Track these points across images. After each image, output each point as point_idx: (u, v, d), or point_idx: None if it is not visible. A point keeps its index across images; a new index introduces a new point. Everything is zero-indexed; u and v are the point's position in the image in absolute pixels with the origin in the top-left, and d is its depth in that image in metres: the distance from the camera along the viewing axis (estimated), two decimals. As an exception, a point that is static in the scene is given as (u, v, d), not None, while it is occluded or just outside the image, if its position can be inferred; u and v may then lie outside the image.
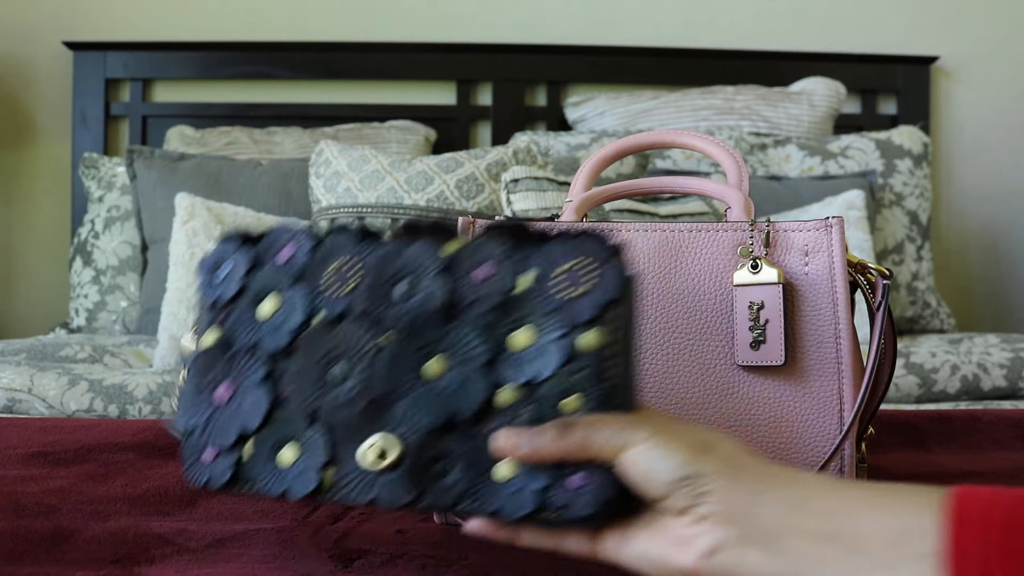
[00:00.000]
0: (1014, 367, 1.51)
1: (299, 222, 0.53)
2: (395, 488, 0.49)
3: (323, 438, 0.50)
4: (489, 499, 0.47)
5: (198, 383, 0.53)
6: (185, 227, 1.76)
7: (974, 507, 0.39)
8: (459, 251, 0.50)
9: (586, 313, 0.47)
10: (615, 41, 2.42)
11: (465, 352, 0.49)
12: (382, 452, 0.49)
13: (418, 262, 0.50)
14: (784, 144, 2.13)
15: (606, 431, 0.45)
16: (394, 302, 0.50)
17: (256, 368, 0.52)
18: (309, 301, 0.51)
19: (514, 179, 1.67)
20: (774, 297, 0.62)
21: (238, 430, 0.51)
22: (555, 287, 0.48)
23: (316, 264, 0.52)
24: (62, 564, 0.55)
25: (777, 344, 0.62)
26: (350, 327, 0.50)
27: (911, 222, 2.09)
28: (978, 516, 0.38)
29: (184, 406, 0.53)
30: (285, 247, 0.53)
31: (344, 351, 0.50)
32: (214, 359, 0.53)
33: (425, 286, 0.50)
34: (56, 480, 0.71)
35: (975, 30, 2.47)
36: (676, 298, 0.65)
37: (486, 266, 0.49)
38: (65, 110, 2.40)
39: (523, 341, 0.48)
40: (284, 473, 0.50)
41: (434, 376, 0.49)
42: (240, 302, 0.53)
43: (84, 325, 2.03)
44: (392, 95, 2.41)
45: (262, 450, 0.51)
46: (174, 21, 2.40)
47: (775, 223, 0.65)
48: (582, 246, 0.47)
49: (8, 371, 1.37)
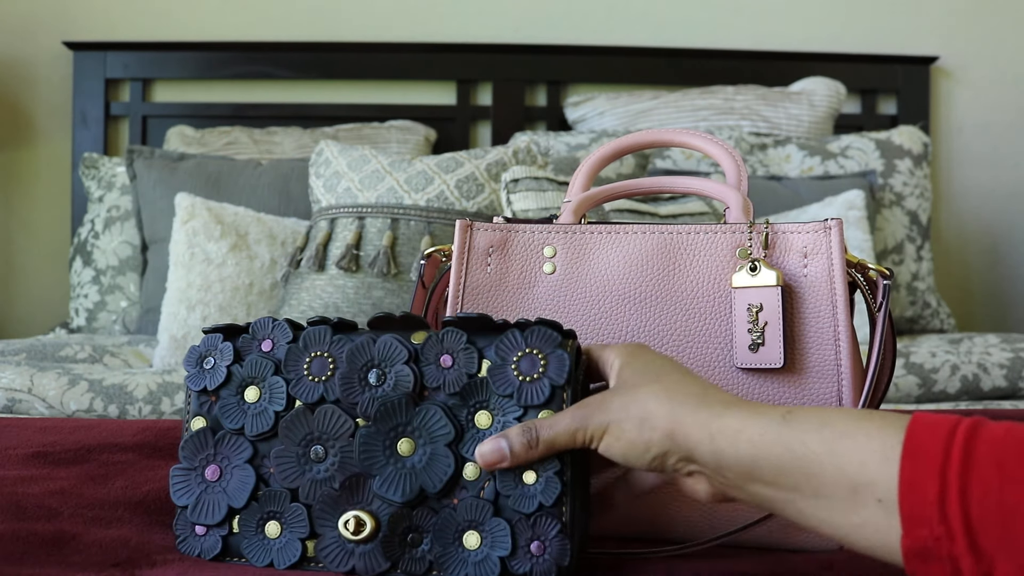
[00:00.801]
0: (1014, 367, 1.51)
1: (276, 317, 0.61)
2: (372, 558, 0.55)
3: (304, 513, 0.56)
4: (458, 566, 0.53)
5: (189, 464, 0.59)
6: (185, 227, 1.76)
7: (930, 443, 0.41)
8: (426, 341, 0.56)
9: (539, 397, 0.53)
10: (615, 41, 2.42)
11: (433, 432, 0.55)
12: (359, 525, 0.55)
13: (388, 352, 0.56)
14: (784, 144, 2.13)
15: (561, 438, 0.52)
16: (366, 389, 0.56)
17: (242, 450, 0.58)
18: (288, 388, 0.57)
19: (514, 179, 1.67)
20: (773, 299, 0.62)
21: (227, 507, 0.57)
22: (512, 373, 0.54)
23: (294, 355, 0.58)
24: (63, 567, 0.55)
25: (776, 346, 0.62)
26: (326, 412, 0.56)
27: (911, 222, 2.09)
28: (933, 452, 0.41)
29: (177, 485, 0.59)
30: (265, 341, 0.59)
31: (321, 434, 0.56)
32: (204, 441, 0.59)
33: (395, 372, 0.56)
34: (56, 481, 0.71)
35: (975, 30, 2.47)
36: (675, 300, 0.65)
37: (450, 355, 0.55)
38: (65, 110, 2.40)
39: (485, 421, 0.54)
40: (270, 544, 0.56)
41: (405, 454, 0.55)
42: (226, 390, 0.59)
43: (84, 325, 2.03)
44: (392, 95, 2.41)
45: (249, 524, 0.57)
46: (174, 21, 2.40)
47: (774, 224, 0.65)
48: (533, 337, 0.54)
49: (8, 371, 1.37)
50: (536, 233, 0.69)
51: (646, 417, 0.49)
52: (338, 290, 1.64)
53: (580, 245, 0.68)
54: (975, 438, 0.41)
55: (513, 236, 0.69)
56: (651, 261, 0.66)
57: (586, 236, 0.68)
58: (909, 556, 0.41)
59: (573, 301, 0.67)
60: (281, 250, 1.78)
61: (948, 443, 0.41)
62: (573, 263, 0.67)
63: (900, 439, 0.42)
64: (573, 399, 0.54)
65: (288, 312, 1.66)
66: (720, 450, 0.47)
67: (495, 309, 0.68)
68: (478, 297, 0.68)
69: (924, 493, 0.40)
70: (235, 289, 1.73)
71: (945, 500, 0.40)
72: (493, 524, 0.53)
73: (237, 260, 1.74)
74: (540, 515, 0.52)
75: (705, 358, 0.64)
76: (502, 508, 0.53)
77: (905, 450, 0.41)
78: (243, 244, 1.77)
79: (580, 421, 0.51)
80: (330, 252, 1.67)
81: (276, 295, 1.75)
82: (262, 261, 1.77)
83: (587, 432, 0.51)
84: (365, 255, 1.65)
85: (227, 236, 1.76)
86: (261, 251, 1.77)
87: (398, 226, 1.67)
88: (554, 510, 0.52)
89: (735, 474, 0.47)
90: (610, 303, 0.66)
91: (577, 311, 0.67)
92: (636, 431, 0.49)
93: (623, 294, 0.66)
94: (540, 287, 0.68)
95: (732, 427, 0.47)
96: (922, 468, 0.41)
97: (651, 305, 0.65)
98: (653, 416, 0.49)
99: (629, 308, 0.66)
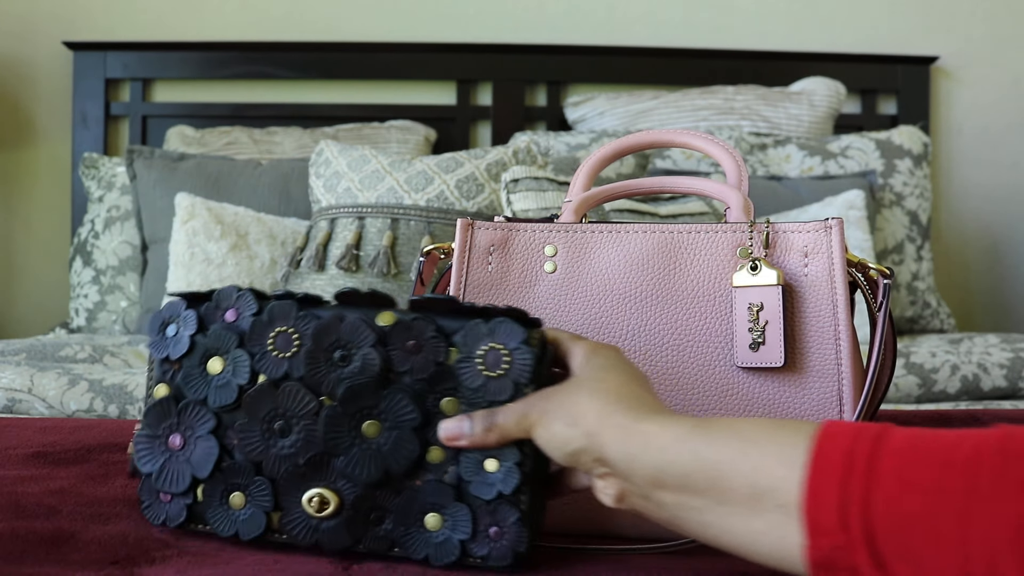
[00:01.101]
0: (1014, 367, 1.51)
1: (241, 286, 0.60)
2: (336, 534, 0.55)
3: (268, 487, 0.56)
4: (419, 547, 0.55)
5: (153, 431, 0.59)
6: (185, 227, 1.76)
7: (834, 452, 0.41)
8: (394, 325, 0.56)
9: (503, 393, 0.54)
10: (615, 41, 2.42)
11: (399, 416, 0.55)
12: (322, 503, 0.55)
13: (354, 333, 0.56)
14: (784, 144, 2.13)
15: (511, 425, 0.53)
16: (332, 369, 0.56)
17: (205, 420, 0.58)
18: (253, 362, 0.57)
19: (514, 179, 1.67)
20: (774, 299, 0.62)
21: (191, 476, 0.58)
22: (478, 367, 0.54)
23: (259, 328, 0.57)
24: (62, 565, 0.55)
25: (777, 345, 0.62)
26: (291, 389, 0.56)
27: (911, 222, 2.09)
28: (837, 461, 0.41)
29: (141, 451, 0.59)
30: (229, 311, 0.58)
31: (286, 411, 0.56)
32: (167, 410, 0.58)
33: (362, 355, 0.55)
34: (56, 481, 0.71)
35: (975, 30, 2.47)
36: (676, 299, 0.65)
37: (417, 341, 0.55)
38: (65, 110, 2.40)
39: (451, 408, 0.55)
40: (235, 515, 0.57)
41: (370, 436, 0.55)
42: (189, 360, 0.58)
43: (84, 325, 2.03)
44: (392, 95, 2.41)
45: (213, 494, 0.57)
46: (174, 21, 2.40)
47: (774, 224, 0.65)
48: (499, 331, 0.54)
49: (8, 371, 1.37)
50: (537, 232, 0.69)
51: (574, 413, 0.51)
52: (338, 290, 1.64)
53: (581, 244, 0.68)
54: (879, 447, 0.40)
55: (514, 235, 0.69)
56: (652, 260, 0.66)
57: (587, 235, 0.68)
58: (813, 566, 0.41)
59: (574, 300, 0.67)
60: (281, 250, 1.78)
61: (851, 452, 0.41)
62: (574, 262, 0.68)
63: (806, 447, 0.42)
64: None
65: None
66: (632, 455, 0.48)
67: (495, 308, 0.68)
68: (479, 296, 0.68)
69: (826, 501, 0.40)
70: (235, 289, 1.73)
71: (847, 509, 0.39)
72: (455, 508, 0.54)
73: (237, 260, 1.74)
74: (500, 503, 0.54)
75: (705, 357, 0.64)
76: (464, 493, 0.54)
77: (810, 458, 0.42)
78: (243, 244, 1.77)
79: (525, 409, 0.53)
80: (330, 252, 1.67)
81: (276, 295, 1.75)
82: (262, 261, 1.77)
83: (528, 420, 0.52)
84: (365, 255, 1.65)
85: (227, 236, 1.76)
86: (261, 251, 1.77)
87: (398, 226, 1.67)
88: (513, 498, 0.54)
89: (642, 479, 0.48)
90: (611, 302, 0.66)
91: (578, 310, 0.67)
92: (562, 425, 0.51)
93: (624, 293, 0.66)
94: (541, 286, 0.68)
95: (646, 432, 0.48)
96: (825, 476, 0.41)
97: (652, 304, 0.66)
98: (580, 414, 0.50)
99: (630, 307, 0.66)
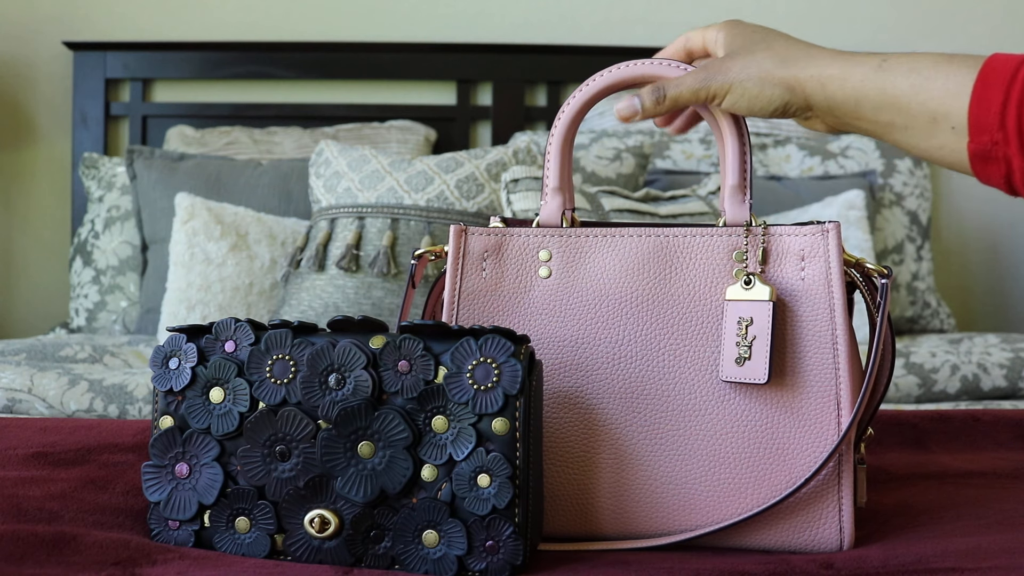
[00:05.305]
0: (1014, 367, 1.51)
1: (239, 318, 0.63)
2: (338, 552, 0.58)
3: (272, 510, 0.59)
4: (418, 563, 0.56)
5: (160, 461, 0.61)
6: (185, 227, 1.76)
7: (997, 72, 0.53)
8: (384, 347, 0.58)
9: (493, 405, 0.55)
10: (615, 41, 2.42)
11: (391, 436, 0.57)
12: (323, 524, 0.57)
13: (347, 357, 0.58)
14: (784, 144, 2.13)
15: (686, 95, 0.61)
16: (326, 392, 0.58)
17: (209, 448, 0.60)
18: (252, 390, 0.59)
19: (514, 179, 1.67)
20: (764, 315, 0.62)
21: (197, 503, 0.60)
22: (467, 381, 0.56)
23: (256, 357, 0.60)
24: (63, 566, 0.55)
25: (762, 362, 0.62)
26: (289, 414, 0.58)
27: (911, 222, 2.09)
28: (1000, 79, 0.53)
29: (149, 480, 0.61)
30: (228, 342, 0.60)
31: (285, 435, 0.58)
32: (172, 440, 0.61)
33: (354, 377, 0.57)
34: (57, 483, 0.71)
35: (975, 30, 2.47)
36: (671, 304, 0.65)
37: (407, 361, 0.57)
38: (65, 110, 2.40)
39: (441, 426, 0.56)
40: (240, 539, 0.59)
41: (365, 456, 0.57)
42: (191, 391, 0.61)
43: (84, 325, 2.03)
44: (392, 95, 2.41)
45: (219, 520, 0.60)
46: (174, 21, 2.40)
47: (770, 228, 0.64)
48: (487, 346, 0.56)
49: (8, 371, 1.37)
50: (531, 237, 0.68)
51: (764, 76, 0.60)
52: (338, 290, 1.64)
53: (575, 248, 0.67)
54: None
55: (508, 240, 0.68)
56: (647, 264, 0.66)
57: (581, 239, 0.67)
58: (973, 159, 0.55)
59: (569, 305, 0.67)
60: (281, 250, 1.78)
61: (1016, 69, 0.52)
62: (568, 267, 0.67)
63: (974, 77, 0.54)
64: (526, 407, 0.56)
65: (288, 312, 1.66)
66: (830, 95, 0.59)
67: (491, 314, 0.68)
68: (474, 302, 0.68)
69: (988, 106, 0.53)
70: (235, 289, 1.73)
71: (1005, 112, 0.52)
72: (450, 525, 0.56)
73: (237, 260, 1.75)
74: (494, 517, 0.55)
75: (700, 363, 0.64)
76: (458, 509, 0.56)
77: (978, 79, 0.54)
78: (243, 244, 1.77)
79: (703, 82, 0.61)
80: (330, 252, 1.67)
81: (276, 295, 1.75)
82: (262, 261, 1.77)
83: (710, 91, 0.61)
84: (365, 255, 1.65)
85: (227, 236, 1.76)
86: (261, 251, 1.77)
87: (398, 226, 1.67)
88: (507, 512, 0.55)
89: (843, 113, 0.60)
90: (606, 307, 0.66)
91: (573, 315, 0.67)
92: (758, 88, 0.60)
93: (619, 297, 0.66)
94: (536, 291, 0.67)
95: (838, 76, 0.59)
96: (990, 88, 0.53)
97: (647, 308, 0.65)
98: (771, 75, 0.60)
99: (625, 311, 0.66)
